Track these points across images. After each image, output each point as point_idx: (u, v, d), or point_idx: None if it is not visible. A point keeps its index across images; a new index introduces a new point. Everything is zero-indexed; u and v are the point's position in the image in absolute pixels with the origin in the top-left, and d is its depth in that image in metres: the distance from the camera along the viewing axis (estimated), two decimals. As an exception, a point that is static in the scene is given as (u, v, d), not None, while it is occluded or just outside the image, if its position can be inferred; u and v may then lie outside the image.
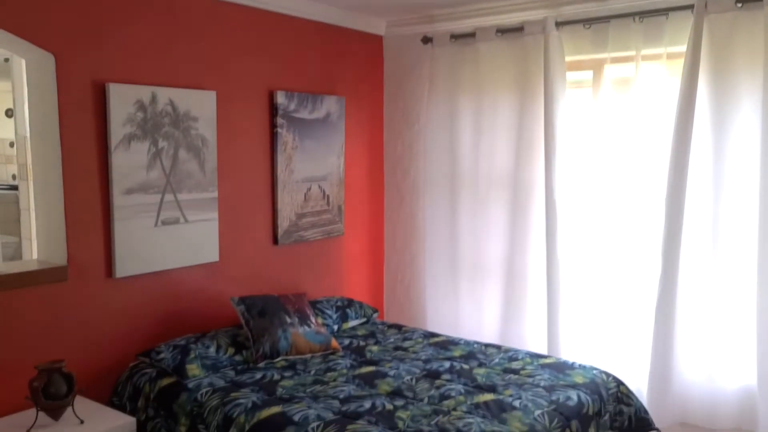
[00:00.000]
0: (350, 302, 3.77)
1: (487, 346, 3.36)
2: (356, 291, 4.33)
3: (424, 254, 4.29)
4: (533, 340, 3.84)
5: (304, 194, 3.84)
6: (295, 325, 3.18)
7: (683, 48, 3.22)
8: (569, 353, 3.63)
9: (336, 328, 3.55)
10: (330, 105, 3.95)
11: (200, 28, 3.22)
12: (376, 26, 4.26)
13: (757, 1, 3.02)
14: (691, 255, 3.32)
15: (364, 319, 3.76)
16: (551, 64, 3.57)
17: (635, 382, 3.41)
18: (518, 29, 3.73)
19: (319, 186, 3.93)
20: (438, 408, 2.55)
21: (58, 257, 2.77)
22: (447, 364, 3.05)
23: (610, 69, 3.49)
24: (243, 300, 3.19)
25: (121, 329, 2.99)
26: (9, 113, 4.47)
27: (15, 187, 3.94)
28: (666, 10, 3.27)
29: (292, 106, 3.70)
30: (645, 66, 3.38)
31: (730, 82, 3.17)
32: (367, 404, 2.57)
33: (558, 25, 3.57)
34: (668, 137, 3.29)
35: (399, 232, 4.48)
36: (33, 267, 2.74)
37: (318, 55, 3.90)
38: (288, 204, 3.73)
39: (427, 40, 4.11)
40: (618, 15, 3.39)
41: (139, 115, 2.94)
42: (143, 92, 2.95)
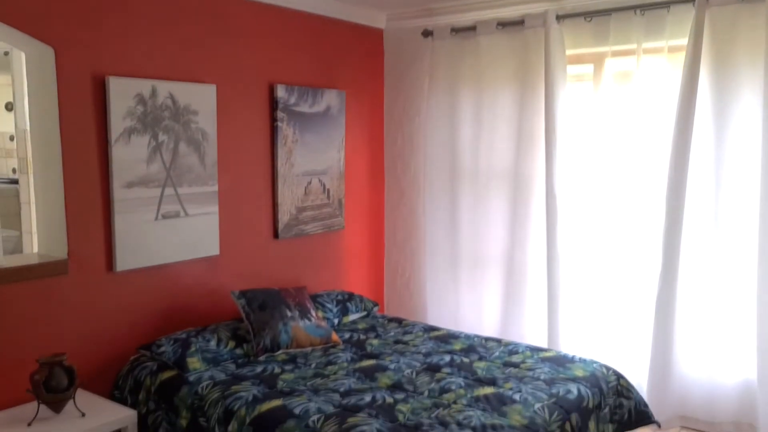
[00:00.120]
0: (351, 296, 3.77)
1: (487, 339, 3.37)
2: (356, 285, 4.33)
3: (425, 248, 4.30)
4: (533, 333, 3.85)
5: (305, 188, 3.84)
6: (295, 318, 3.18)
7: (684, 41, 3.21)
8: (569, 347, 3.64)
9: (336, 321, 3.56)
10: (330, 99, 3.94)
11: (200, 22, 3.21)
12: (377, 19, 4.25)
13: (758, -6, 3.02)
14: (692, 249, 3.32)
15: (365, 313, 3.76)
16: (552, 57, 3.56)
17: (635, 376, 3.41)
18: (519, 22, 3.72)
19: (319, 180, 3.93)
20: (438, 401, 2.56)
21: (58, 251, 2.78)
22: (447, 358, 3.05)
23: (611, 62, 3.49)
24: (243, 293, 3.20)
25: (122, 323, 3.00)
26: (9, 107, 4.47)
27: (15, 181, 3.94)
28: (667, 3, 3.26)
29: (293, 100, 3.70)
30: (646, 59, 3.37)
31: (732, 76, 3.16)
32: (368, 397, 2.57)
33: (559, 18, 3.56)
34: (669, 131, 3.29)
35: (399, 226, 4.48)
36: (33, 261, 2.74)
37: (318, 49, 3.89)
38: (288, 198, 3.73)
39: (427, 33, 4.10)
40: (619, 8, 3.38)
41: (139, 109, 2.94)
42: (143, 86, 2.95)
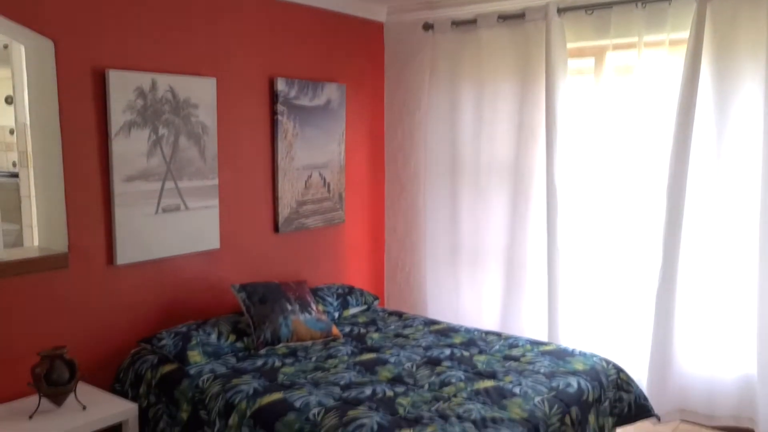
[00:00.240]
0: (351, 289, 3.77)
1: (487, 333, 3.37)
2: (357, 278, 4.34)
3: (425, 242, 4.30)
4: (533, 327, 3.85)
5: (305, 182, 3.84)
6: (296, 312, 3.18)
7: (686, 34, 3.20)
8: (569, 340, 3.64)
9: (337, 315, 3.56)
10: (330, 92, 3.93)
11: (200, 15, 3.20)
12: (377, 13, 4.23)
13: (760, -13, 3.01)
14: (692, 243, 3.32)
15: (365, 307, 3.76)
16: (553, 50, 3.55)
17: (635, 370, 3.42)
18: (520, 15, 3.70)
19: (319, 173, 3.93)
20: (438, 394, 2.56)
21: (58, 244, 2.78)
22: (447, 351, 3.06)
23: (612, 56, 3.48)
24: (244, 287, 3.20)
25: (123, 316, 3.00)
26: (9, 100, 4.46)
27: (15, 175, 3.93)
28: (669, -4, 3.25)
29: (293, 93, 3.69)
30: (647, 52, 3.36)
31: (733, 69, 3.15)
32: (368, 391, 2.58)
33: (560, 11, 3.54)
34: (670, 125, 3.28)
35: (400, 220, 4.48)
36: (34, 254, 2.75)
37: (318, 42, 3.88)
38: (288, 191, 3.73)
39: (428, 26, 4.09)
40: (620, 1, 3.36)
41: (139, 102, 2.93)
42: (143, 79, 2.94)
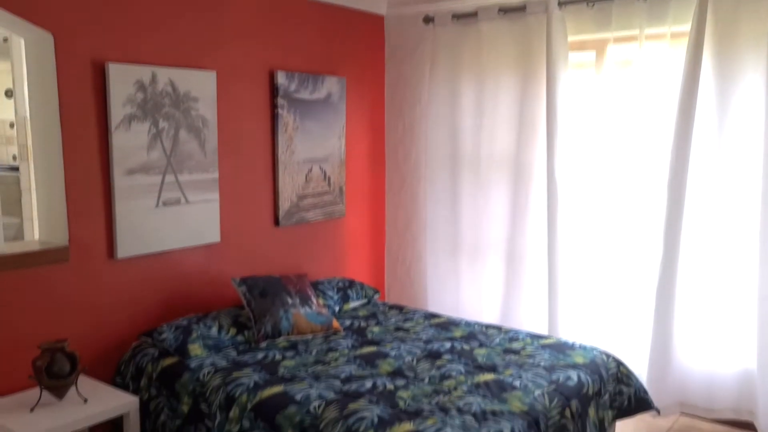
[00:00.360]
0: (351, 283, 3.77)
1: (487, 326, 3.37)
2: (357, 272, 4.34)
3: (425, 235, 4.30)
4: (534, 320, 3.86)
5: (305, 175, 3.83)
6: (296, 305, 3.19)
7: (687, 27, 3.18)
8: (569, 334, 3.65)
9: (337, 308, 3.56)
10: (331, 85, 3.93)
11: (200, 7, 3.19)
12: (377, 6, 4.22)
13: (762, -20, 2.99)
14: (693, 236, 3.32)
15: (365, 300, 3.77)
16: (554, 44, 3.53)
17: (635, 363, 3.42)
18: (521, 8, 3.69)
19: (320, 167, 3.92)
20: (438, 388, 2.57)
21: (59, 238, 2.78)
22: (448, 345, 3.06)
23: (613, 49, 3.47)
24: (244, 281, 3.20)
25: (124, 309, 3.00)
26: (9, 93, 4.45)
27: (16, 168, 3.93)
28: (670, -11, 3.24)
29: (293, 87, 3.68)
30: (648, 45, 3.34)
31: (735, 62, 3.14)
32: (368, 384, 2.58)
33: (561, 4, 3.53)
34: (671, 118, 3.27)
35: (400, 214, 4.48)
36: (35, 247, 2.74)
37: (319, 35, 3.87)
38: (289, 185, 3.73)
39: (428, 19, 4.08)
40: (622, -6, 3.36)
41: (140, 96, 2.93)
42: (143, 72, 2.93)
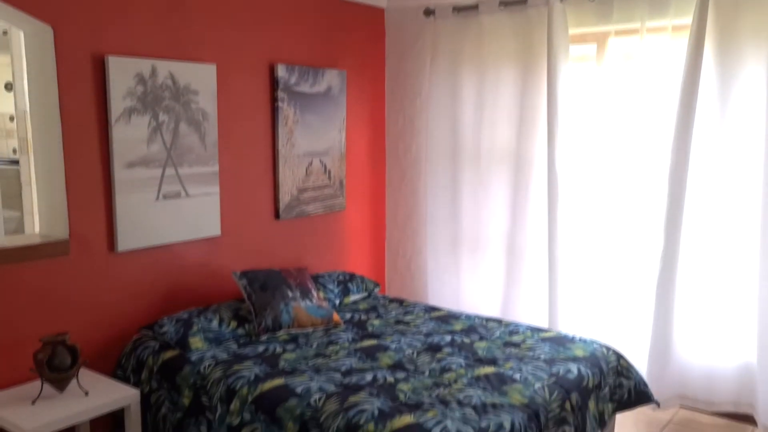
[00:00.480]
0: (352, 276, 3.78)
1: (488, 320, 3.38)
2: (358, 265, 4.34)
3: (426, 229, 4.30)
4: (534, 313, 3.86)
5: (306, 169, 3.83)
6: (296, 298, 3.19)
7: (689, 20, 3.17)
8: (569, 327, 3.65)
9: (337, 302, 3.57)
10: (331, 78, 3.92)
11: (200, 0, 3.18)
12: (378, -2, 4.22)
13: (764, -28, 2.98)
14: (693, 230, 3.32)
15: (366, 294, 3.77)
16: (555, 36, 3.52)
17: (635, 356, 3.43)
18: (521, 1, 3.67)
19: (320, 160, 3.92)
20: (439, 380, 2.58)
21: (59, 231, 2.78)
22: (448, 338, 3.07)
23: (614, 42, 3.46)
24: (245, 274, 3.20)
25: (124, 303, 3.01)
26: (9, 87, 4.44)
27: (16, 162, 3.92)
28: (672, -19, 3.22)
29: (293, 80, 3.67)
30: (650, 38, 3.34)
31: (737, 55, 3.13)
32: (369, 377, 2.59)
33: (562, -4, 3.52)
34: (672, 112, 3.27)
35: (400, 207, 4.47)
36: (35, 241, 2.74)
37: (319, 28, 3.86)
38: (289, 178, 3.73)
39: (429, 12, 4.06)
40: (623, -14, 3.34)
41: (140, 89, 2.92)
42: (143, 65, 2.93)
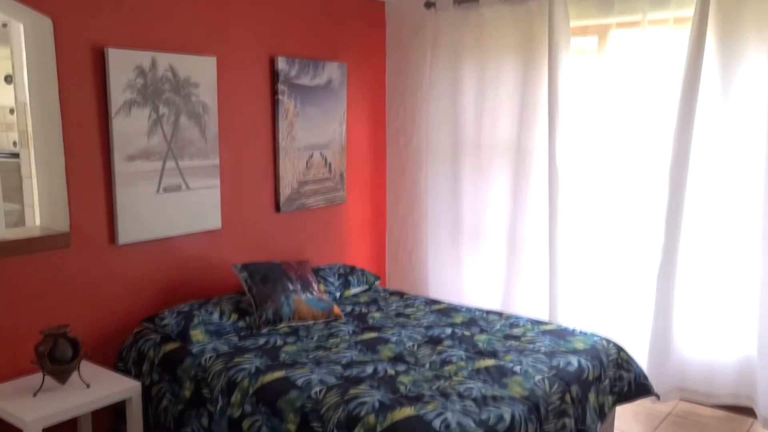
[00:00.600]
0: (352, 269, 3.78)
1: (488, 312, 3.38)
2: (358, 258, 4.34)
3: (426, 222, 4.30)
4: (534, 306, 3.87)
5: (306, 161, 3.83)
6: (297, 291, 3.19)
7: (691, 12, 3.16)
8: (570, 320, 3.66)
9: (338, 295, 3.57)
10: (332, 71, 3.91)
11: (200, -8, 3.17)
12: (379, -10, 4.20)
13: (767, -36, 2.97)
14: (694, 223, 3.32)
15: (366, 286, 3.77)
16: (555, 29, 3.51)
17: (636, 349, 3.43)
18: (523, -7, 3.67)
19: (320, 153, 3.92)
20: (439, 373, 2.58)
21: (60, 224, 2.78)
22: (448, 331, 3.07)
23: (615, 34, 3.45)
24: (245, 267, 3.21)
25: (125, 295, 3.01)
26: (8, 79, 4.43)
27: (16, 155, 3.92)
28: (674, -27, 3.21)
29: (294, 72, 3.66)
30: (651, 30, 3.33)
31: (738, 48, 3.12)
32: (369, 369, 2.59)
33: (563, -11, 3.51)
34: (674, 104, 3.26)
35: (401, 200, 4.47)
36: (36, 234, 2.74)
37: (319, 21, 3.85)
38: (290, 171, 3.72)
39: (429, 4, 4.05)
40: (625, -22, 3.33)
41: (139, 81, 2.92)
42: (143, 57, 2.92)
